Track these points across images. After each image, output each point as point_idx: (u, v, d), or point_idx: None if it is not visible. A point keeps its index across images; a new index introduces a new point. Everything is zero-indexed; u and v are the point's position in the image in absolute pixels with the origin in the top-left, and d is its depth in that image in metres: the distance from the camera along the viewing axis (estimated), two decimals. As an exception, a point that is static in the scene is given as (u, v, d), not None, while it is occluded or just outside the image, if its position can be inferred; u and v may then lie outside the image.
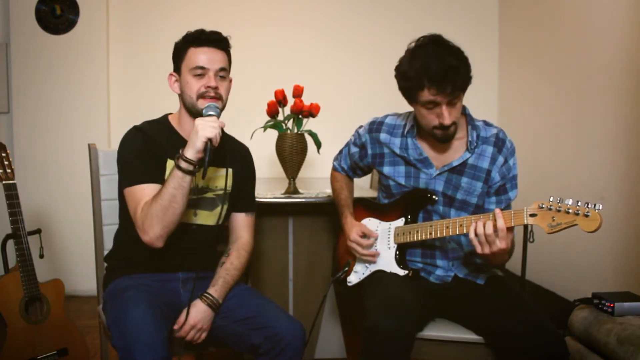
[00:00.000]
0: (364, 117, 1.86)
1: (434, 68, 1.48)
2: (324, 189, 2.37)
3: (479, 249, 1.46)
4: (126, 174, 1.59)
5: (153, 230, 1.47)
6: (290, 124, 2.33)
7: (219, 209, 1.69)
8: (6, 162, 2.12)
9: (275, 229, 2.30)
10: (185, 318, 1.53)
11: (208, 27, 1.61)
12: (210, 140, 1.45)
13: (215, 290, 1.59)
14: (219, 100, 1.60)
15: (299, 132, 2.31)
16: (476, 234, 1.45)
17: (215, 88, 1.58)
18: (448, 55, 1.50)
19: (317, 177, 3.24)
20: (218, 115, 1.53)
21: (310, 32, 3.64)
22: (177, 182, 1.45)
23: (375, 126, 1.79)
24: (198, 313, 1.54)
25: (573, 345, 1.79)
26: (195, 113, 1.60)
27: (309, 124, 2.35)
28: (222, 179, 1.68)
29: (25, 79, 3.44)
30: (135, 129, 1.65)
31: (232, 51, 1.67)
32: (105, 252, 1.81)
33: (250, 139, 2.37)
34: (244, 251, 1.72)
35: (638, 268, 2.24)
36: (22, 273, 2.08)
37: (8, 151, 2.15)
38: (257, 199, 2.15)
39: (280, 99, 2.31)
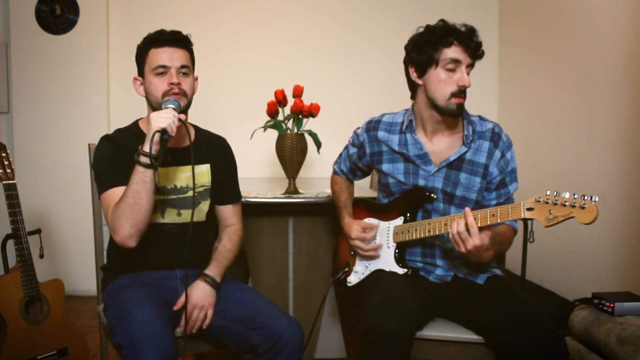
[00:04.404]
0: (364, 117, 1.86)
1: (459, 27, 1.59)
2: (324, 189, 2.37)
3: (456, 248, 1.50)
4: (99, 182, 1.64)
5: (122, 229, 1.49)
6: (290, 124, 2.33)
7: (201, 205, 1.71)
8: (6, 162, 2.12)
9: (275, 229, 2.30)
10: (186, 303, 1.54)
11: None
12: (165, 131, 1.46)
13: (210, 269, 1.63)
14: (183, 96, 1.61)
15: (299, 132, 2.31)
16: (452, 234, 1.49)
17: (178, 84, 1.59)
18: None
19: (317, 177, 3.24)
20: (177, 108, 1.54)
21: (310, 32, 3.64)
22: (139, 177, 1.47)
23: (372, 125, 1.79)
24: (198, 291, 1.57)
25: (573, 345, 1.79)
26: None
27: (309, 124, 2.35)
28: (201, 175, 1.71)
29: (25, 79, 3.44)
30: (104, 138, 1.68)
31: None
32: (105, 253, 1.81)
33: (250, 138, 2.38)
34: (234, 235, 1.77)
35: (638, 268, 2.24)
36: (22, 273, 2.08)
37: (8, 151, 2.15)
38: (257, 199, 2.16)
39: (280, 99, 2.31)
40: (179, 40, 1.63)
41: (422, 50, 1.61)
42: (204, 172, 1.72)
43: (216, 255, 1.69)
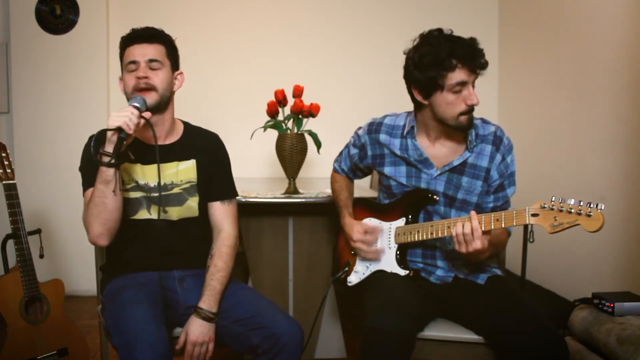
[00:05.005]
0: (364, 117, 1.86)
1: (460, 46, 1.52)
2: (324, 189, 2.37)
3: (456, 247, 1.50)
4: (82, 181, 1.65)
5: (92, 229, 1.53)
6: (290, 124, 2.33)
7: (189, 202, 1.69)
8: (6, 162, 2.12)
9: (275, 229, 2.30)
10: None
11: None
12: (120, 129, 1.45)
13: (204, 302, 1.56)
14: (152, 91, 1.59)
15: (299, 132, 2.31)
16: (456, 234, 1.49)
17: (145, 77, 1.58)
18: (460, 36, 1.56)
19: (317, 177, 3.24)
20: (142, 107, 1.53)
21: (310, 32, 3.64)
22: (102, 176, 1.48)
23: (374, 127, 1.78)
24: (195, 329, 1.53)
25: (573, 345, 1.79)
26: None
27: (309, 124, 2.35)
28: (186, 172, 1.69)
29: (25, 79, 3.44)
30: (90, 137, 1.67)
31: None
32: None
33: (250, 138, 2.38)
34: (225, 247, 1.67)
35: (638, 268, 2.24)
36: (22, 273, 2.08)
37: (8, 151, 2.15)
38: (257, 199, 2.16)
39: (280, 99, 2.30)
40: (151, 36, 1.63)
41: (424, 73, 1.56)
42: (189, 168, 1.70)
43: (208, 279, 1.60)
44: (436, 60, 1.52)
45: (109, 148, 1.46)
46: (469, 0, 3.63)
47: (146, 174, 1.64)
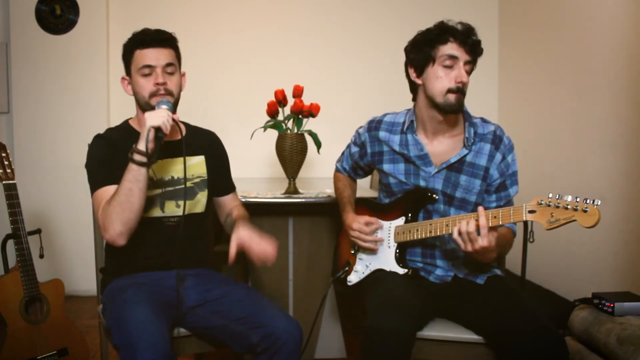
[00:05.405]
0: (364, 117, 1.86)
1: (456, 25, 1.60)
2: (324, 189, 2.37)
3: (462, 247, 1.48)
4: (91, 180, 1.63)
5: (113, 227, 1.50)
6: (290, 124, 2.33)
7: (198, 195, 1.72)
8: (6, 162, 2.12)
9: (275, 229, 2.29)
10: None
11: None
12: (159, 129, 1.48)
13: (241, 222, 1.64)
14: (169, 95, 1.62)
15: (299, 132, 2.31)
16: (460, 233, 1.47)
17: (164, 84, 1.60)
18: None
19: (317, 177, 3.24)
20: (170, 109, 1.56)
21: (310, 32, 3.64)
22: (133, 175, 1.47)
23: (374, 124, 1.79)
24: (245, 230, 1.58)
25: (573, 345, 1.79)
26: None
27: (309, 124, 2.35)
28: (197, 166, 1.73)
29: (25, 79, 3.44)
30: (97, 137, 1.68)
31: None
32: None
33: (250, 138, 2.38)
34: (242, 209, 1.80)
35: (638, 268, 2.24)
36: (22, 273, 2.08)
37: (8, 151, 2.15)
38: (257, 199, 2.17)
39: (280, 99, 2.31)
40: (164, 40, 1.64)
41: (420, 50, 1.62)
42: (199, 163, 1.74)
43: (236, 219, 1.69)
44: (430, 36, 1.60)
45: (142, 146, 1.47)
46: (469, 0, 3.63)
47: (159, 169, 1.66)
